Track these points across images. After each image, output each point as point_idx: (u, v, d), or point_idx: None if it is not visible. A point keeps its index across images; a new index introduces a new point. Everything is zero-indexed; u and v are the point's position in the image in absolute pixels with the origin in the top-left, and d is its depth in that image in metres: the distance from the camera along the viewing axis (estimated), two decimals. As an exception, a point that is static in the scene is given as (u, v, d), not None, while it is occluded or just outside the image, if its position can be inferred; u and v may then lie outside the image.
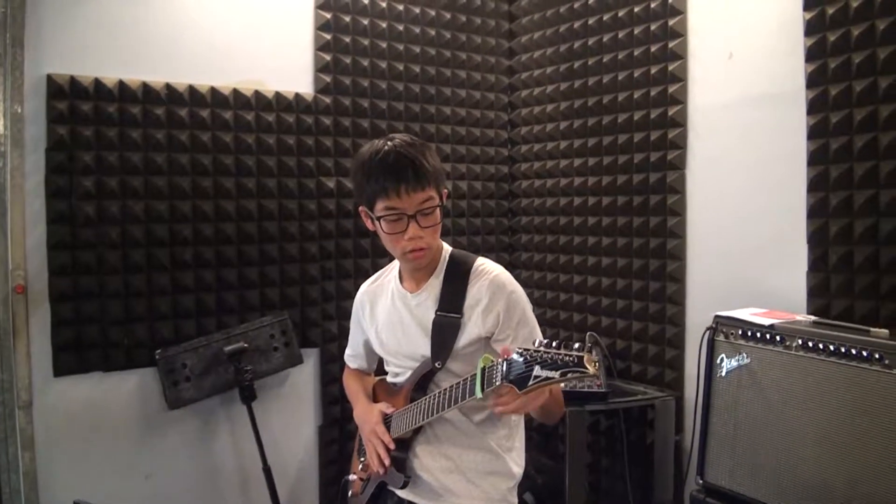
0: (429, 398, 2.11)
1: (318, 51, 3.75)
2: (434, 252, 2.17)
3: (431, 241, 2.11)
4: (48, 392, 3.16)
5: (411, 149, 2.05)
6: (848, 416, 2.37)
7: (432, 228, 2.09)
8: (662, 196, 3.54)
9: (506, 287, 2.14)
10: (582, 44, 3.93)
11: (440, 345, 2.15)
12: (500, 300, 2.12)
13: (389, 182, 2.03)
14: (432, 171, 2.06)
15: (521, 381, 1.76)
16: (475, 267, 2.19)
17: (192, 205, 3.44)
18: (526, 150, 4.33)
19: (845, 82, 2.80)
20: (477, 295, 2.13)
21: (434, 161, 2.09)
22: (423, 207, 2.05)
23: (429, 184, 2.05)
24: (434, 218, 2.08)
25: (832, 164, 2.85)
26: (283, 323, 3.61)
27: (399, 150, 2.04)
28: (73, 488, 3.08)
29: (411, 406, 2.18)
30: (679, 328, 3.50)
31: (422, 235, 2.07)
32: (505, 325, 2.12)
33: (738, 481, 2.70)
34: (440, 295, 2.18)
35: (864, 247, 2.77)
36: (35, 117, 3.09)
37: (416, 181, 2.02)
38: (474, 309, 2.13)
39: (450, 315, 2.14)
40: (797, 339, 2.53)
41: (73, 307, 3.19)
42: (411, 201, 2.03)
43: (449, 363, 2.15)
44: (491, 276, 2.15)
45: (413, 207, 2.04)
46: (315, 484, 3.87)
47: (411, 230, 2.06)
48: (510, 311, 2.12)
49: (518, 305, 2.15)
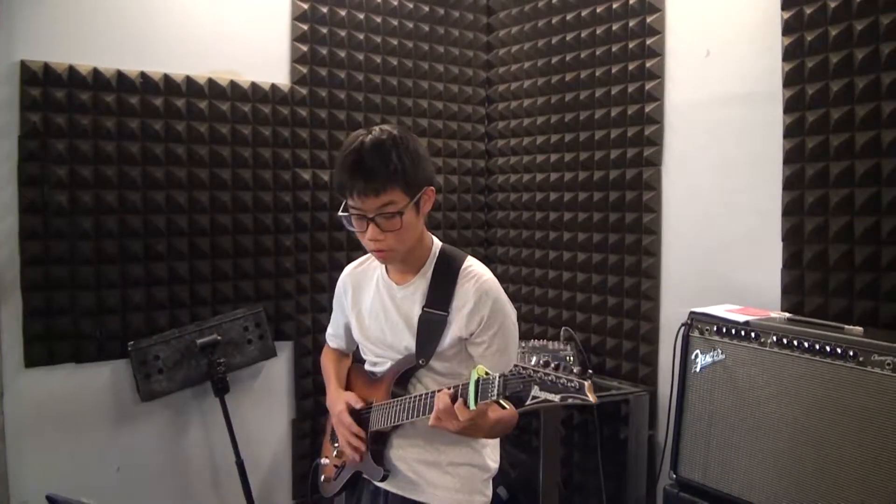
0: (413, 399, 2.09)
1: (295, 41, 3.72)
2: (403, 253, 2.11)
3: (395, 244, 2.04)
4: (19, 383, 3.12)
5: (376, 149, 1.98)
6: (821, 413, 2.40)
7: (395, 233, 2.01)
8: (638, 192, 3.56)
9: (492, 293, 2.12)
10: (559, 40, 3.93)
11: (425, 342, 2.14)
12: (486, 306, 2.10)
13: (347, 182, 1.99)
14: (395, 175, 1.97)
15: (518, 400, 1.76)
16: (464, 267, 2.17)
17: (166, 195, 3.40)
18: (503, 144, 4.33)
19: (822, 82, 2.83)
20: (464, 297, 2.11)
21: (405, 162, 1.99)
22: (383, 212, 1.98)
23: (387, 188, 1.96)
24: (395, 223, 2.00)
25: (808, 163, 2.88)
26: (258, 315, 3.58)
27: (363, 152, 1.98)
28: (43, 480, 3.05)
29: (393, 402, 2.16)
30: (653, 324, 3.52)
31: (381, 238, 2.02)
32: (484, 330, 2.11)
33: (712, 476, 2.72)
34: (428, 291, 2.16)
35: (838, 245, 2.80)
36: (7, 104, 3.05)
37: (369, 187, 1.96)
38: (460, 310, 2.11)
39: (437, 312, 2.13)
40: (772, 336, 2.55)
41: (44, 298, 3.15)
42: (367, 205, 1.98)
43: (432, 361, 2.15)
44: (481, 280, 2.13)
45: (371, 211, 1.99)
46: (288, 477, 3.85)
47: (370, 232, 2.01)
48: (492, 318, 2.11)
49: (500, 314, 2.13)
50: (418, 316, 2.15)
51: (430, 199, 2.11)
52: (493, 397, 1.81)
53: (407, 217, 2.01)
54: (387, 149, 1.99)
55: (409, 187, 2.01)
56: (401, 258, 2.15)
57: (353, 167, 1.98)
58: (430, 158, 2.14)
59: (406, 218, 2.01)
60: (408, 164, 2.00)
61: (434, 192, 2.12)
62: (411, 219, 2.04)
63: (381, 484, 2.26)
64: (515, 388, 1.77)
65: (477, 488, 2.23)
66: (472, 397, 1.85)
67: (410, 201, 2.02)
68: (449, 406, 1.89)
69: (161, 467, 3.48)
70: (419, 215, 2.08)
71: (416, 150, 2.06)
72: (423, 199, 2.07)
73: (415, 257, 2.19)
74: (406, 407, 2.11)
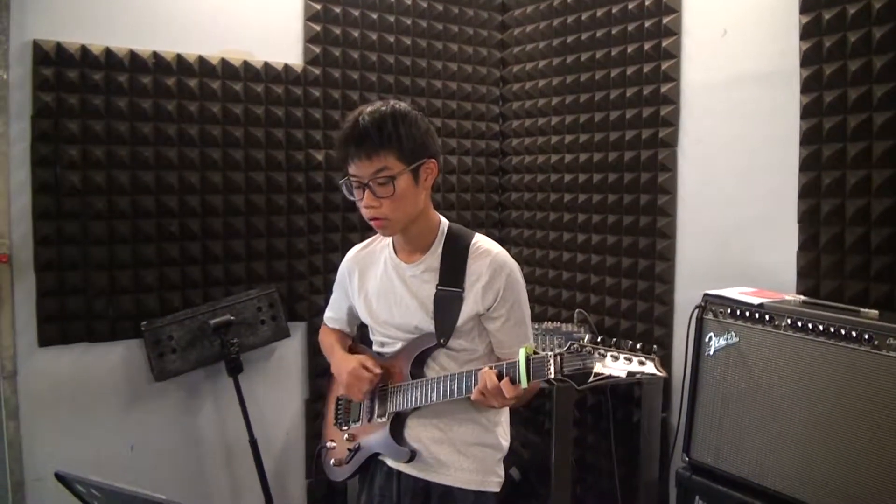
0: (441, 380, 2.11)
1: (308, 21, 3.69)
2: (401, 224, 2.12)
3: (391, 211, 2.06)
4: (33, 362, 3.14)
5: (374, 116, 2.03)
6: (836, 397, 2.37)
7: (389, 199, 2.04)
8: (653, 173, 3.52)
9: (507, 267, 2.14)
10: (575, 19, 3.89)
11: (443, 321, 2.14)
12: (500, 279, 2.12)
13: (344, 148, 2.06)
14: (388, 141, 2.01)
15: (579, 377, 1.80)
16: (474, 243, 2.18)
17: (179, 176, 3.39)
18: (517, 125, 4.30)
19: (840, 61, 2.78)
20: (477, 271, 2.13)
21: (401, 131, 2.03)
22: (377, 177, 2.02)
23: (379, 153, 2.01)
24: (388, 189, 2.03)
25: (825, 144, 2.83)
26: (271, 296, 3.59)
27: (361, 118, 2.03)
28: (56, 458, 3.06)
29: (416, 383, 2.17)
30: (668, 306, 3.50)
31: (376, 205, 2.05)
32: (501, 304, 2.13)
33: (725, 460, 2.71)
34: (440, 269, 2.16)
35: (855, 227, 2.76)
36: (20, 84, 3.04)
37: (361, 150, 2.01)
38: (475, 285, 2.12)
39: (451, 290, 2.14)
40: (786, 319, 2.52)
41: (58, 277, 3.15)
42: (361, 170, 2.03)
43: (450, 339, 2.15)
44: (493, 255, 2.15)
45: (366, 176, 2.03)
46: (301, 457, 3.87)
47: (365, 198, 2.06)
48: (508, 290, 2.13)
49: (516, 287, 2.16)
50: (433, 295, 2.16)
51: (431, 173, 2.12)
52: (551, 376, 1.83)
53: (401, 184, 2.04)
54: (383, 116, 2.04)
55: (404, 155, 2.04)
56: (402, 230, 2.16)
57: (349, 134, 2.04)
58: (433, 134, 2.17)
59: (400, 184, 2.03)
60: (403, 132, 2.03)
61: (436, 165, 2.13)
62: (407, 187, 2.05)
63: (392, 464, 2.27)
64: (575, 367, 1.80)
65: (491, 469, 2.24)
66: (523, 376, 1.88)
67: (406, 168, 2.04)
68: (496, 385, 1.92)
69: (174, 446, 3.50)
70: (418, 186, 2.09)
71: (416, 122, 2.09)
72: (422, 170, 2.09)
73: (422, 235, 2.20)
74: (435, 388, 2.12)
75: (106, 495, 1.53)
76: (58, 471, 1.57)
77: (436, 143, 2.17)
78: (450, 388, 2.08)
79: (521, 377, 1.88)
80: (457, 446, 2.20)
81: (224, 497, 3.66)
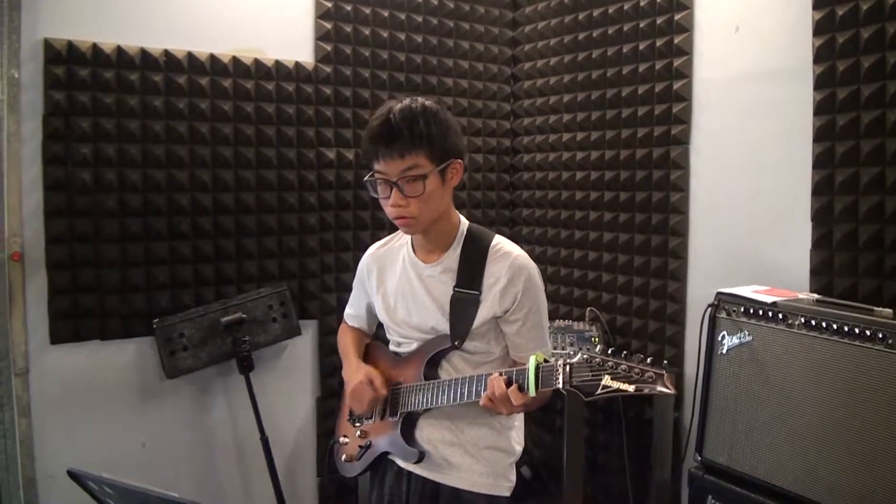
0: (452, 383, 2.10)
1: (319, 19, 3.69)
2: (426, 223, 2.11)
3: (418, 211, 2.04)
4: (45, 360, 3.15)
5: (404, 114, 2.01)
6: (849, 396, 2.35)
7: (417, 199, 2.02)
8: (666, 171, 3.51)
9: (525, 270, 2.13)
10: (586, 15, 3.87)
11: (459, 323, 2.13)
12: (520, 282, 2.11)
13: (372, 145, 2.03)
14: (419, 139, 1.99)
15: (586, 388, 1.78)
16: (494, 244, 2.17)
17: (190, 174, 3.40)
18: (528, 122, 4.28)
19: (853, 57, 2.76)
20: (496, 273, 2.12)
21: (433, 129, 2.01)
22: (406, 175, 2.00)
23: (411, 151, 1.99)
24: (418, 188, 2.01)
25: (838, 141, 2.81)
26: (282, 294, 3.59)
27: (391, 115, 2.01)
28: (68, 456, 3.08)
29: (429, 384, 2.16)
30: (680, 305, 3.48)
31: (403, 204, 2.03)
32: (519, 307, 2.11)
33: (737, 459, 2.69)
34: (458, 270, 2.15)
35: (869, 225, 2.74)
36: (32, 82, 3.05)
37: (393, 148, 1.99)
38: (493, 288, 2.11)
39: (469, 292, 2.12)
40: (800, 318, 2.51)
41: (69, 275, 3.16)
42: (390, 168, 2.01)
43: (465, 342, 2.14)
44: (512, 257, 2.13)
45: (394, 174, 2.01)
46: (312, 455, 3.87)
47: (392, 197, 2.03)
48: (526, 294, 2.12)
49: (534, 291, 2.14)
50: (450, 297, 2.14)
51: (457, 173, 2.11)
52: (558, 386, 1.82)
53: (430, 184, 2.02)
54: (414, 114, 2.01)
55: (434, 154, 2.02)
56: (424, 230, 2.14)
57: (379, 131, 2.01)
58: (460, 133, 2.15)
59: (429, 184, 2.02)
60: (434, 131, 2.02)
61: (462, 166, 2.11)
62: (435, 186, 2.04)
63: (403, 465, 2.26)
64: (583, 378, 1.78)
65: (502, 473, 2.22)
66: (531, 384, 1.86)
67: (435, 168, 2.03)
68: (504, 392, 1.91)
69: (186, 444, 3.51)
70: (445, 186, 2.08)
71: (446, 121, 2.07)
72: (449, 170, 2.08)
73: (442, 234, 2.19)
74: (446, 391, 2.11)
75: (118, 492, 1.53)
76: (70, 468, 1.58)
77: (462, 142, 2.16)
78: (460, 392, 2.07)
79: (529, 385, 1.86)
80: (468, 449, 2.19)
81: (235, 494, 3.66)
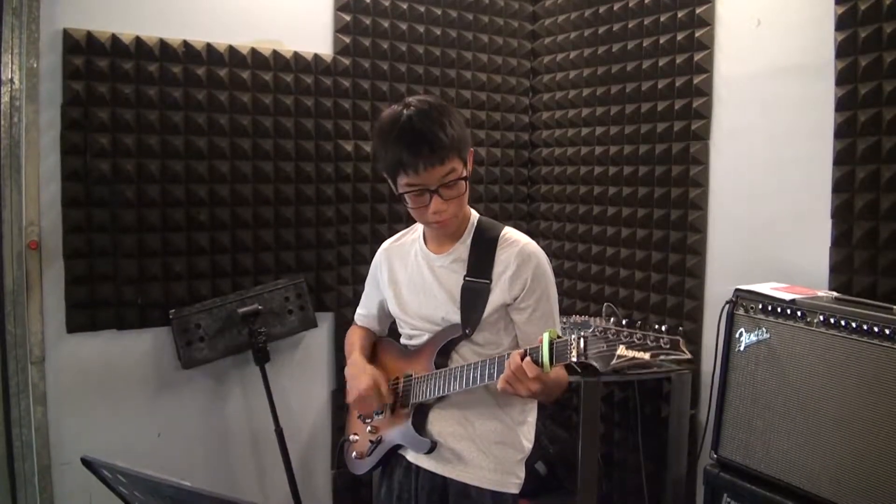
0: (464, 368, 2.08)
1: (338, 11, 3.69)
2: (460, 218, 2.14)
3: (457, 210, 2.08)
4: (61, 348, 3.17)
5: (427, 119, 1.98)
6: (867, 395, 2.32)
7: (457, 199, 2.05)
8: (685, 167, 3.48)
9: (534, 257, 2.13)
10: (607, 9, 3.84)
11: (470, 311, 2.13)
12: (528, 269, 2.10)
13: (406, 157, 1.97)
14: (453, 141, 1.98)
15: (602, 360, 1.75)
16: (503, 234, 2.17)
17: (209, 165, 3.41)
18: (547, 117, 4.26)
19: (876, 53, 2.72)
20: (505, 261, 2.12)
21: (455, 127, 2.01)
22: (446, 180, 2.00)
23: (449, 155, 1.98)
24: (458, 189, 2.03)
25: (859, 137, 2.78)
26: (299, 286, 3.59)
27: (415, 123, 1.97)
28: (83, 444, 3.11)
29: (439, 373, 2.15)
30: (698, 301, 3.45)
31: (445, 208, 2.03)
32: (528, 294, 2.11)
33: (753, 457, 2.67)
34: (468, 260, 2.16)
35: (889, 223, 2.71)
36: (51, 72, 3.06)
37: (435, 156, 1.96)
38: (502, 276, 2.11)
39: (479, 281, 2.13)
40: (819, 315, 2.48)
41: (86, 265, 3.18)
42: (432, 176, 1.98)
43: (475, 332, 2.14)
44: (521, 245, 2.14)
45: (435, 182, 1.99)
46: (327, 447, 3.88)
47: (434, 205, 2.02)
48: (536, 281, 2.11)
49: (543, 278, 2.13)
50: (461, 286, 2.14)
51: (471, 162, 2.13)
52: (573, 358, 1.79)
53: (463, 182, 2.05)
54: (438, 117, 2.00)
55: (462, 152, 2.05)
56: (455, 225, 2.16)
57: (412, 140, 1.97)
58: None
59: (463, 183, 2.05)
60: (457, 129, 2.02)
61: (473, 153, 2.15)
62: (465, 183, 2.07)
63: (413, 458, 2.26)
64: (598, 349, 1.75)
65: (511, 469, 2.21)
66: (545, 359, 1.83)
67: (463, 164, 2.05)
68: (519, 365, 1.87)
69: (201, 434, 3.52)
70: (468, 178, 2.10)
71: (455, 114, 2.08)
72: (469, 161, 2.11)
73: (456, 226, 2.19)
74: (457, 377, 2.09)
75: (132, 481, 1.53)
76: (84, 456, 1.57)
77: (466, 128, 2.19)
78: (472, 376, 2.05)
79: (543, 359, 1.84)
80: (477, 444, 2.18)
81: (249, 485, 3.67)
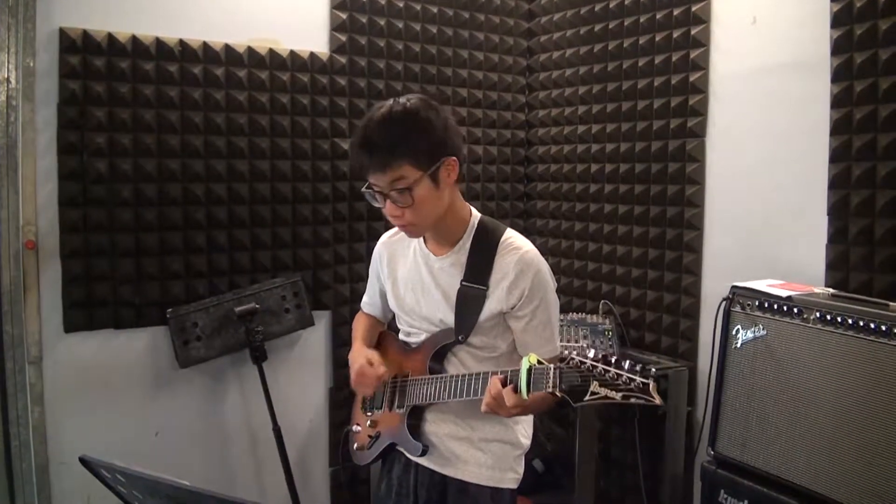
0: (457, 379, 2.08)
1: (334, 9, 3.69)
2: (427, 226, 2.11)
3: (414, 218, 2.03)
4: (58, 348, 3.16)
5: (382, 125, 1.96)
6: (864, 391, 2.33)
7: (410, 208, 1.99)
8: (681, 164, 3.48)
9: (534, 265, 2.10)
10: (603, 7, 3.85)
11: (464, 317, 2.12)
12: (527, 279, 2.08)
13: (355, 160, 2.02)
14: (402, 148, 1.94)
15: (575, 394, 1.75)
16: (504, 239, 2.14)
17: (205, 164, 3.40)
18: (544, 114, 4.27)
19: (871, 50, 2.72)
20: (504, 269, 2.09)
21: (415, 135, 1.96)
22: (394, 187, 1.96)
23: (393, 164, 1.93)
24: (407, 198, 1.97)
25: (855, 134, 2.79)
26: (296, 285, 3.59)
27: (369, 127, 1.97)
28: (81, 443, 3.07)
29: (433, 379, 2.15)
30: (694, 298, 3.46)
31: (398, 214, 2.02)
32: (526, 303, 2.09)
33: (750, 454, 2.67)
34: (466, 264, 2.14)
35: (885, 220, 2.72)
36: (47, 71, 3.06)
37: (376, 163, 1.95)
38: (500, 283, 2.09)
39: (475, 287, 2.11)
40: (815, 312, 2.48)
41: (83, 264, 3.18)
42: (379, 180, 1.98)
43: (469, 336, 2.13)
44: (521, 252, 2.10)
45: (384, 186, 1.98)
46: (324, 445, 3.88)
47: (387, 207, 2.03)
48: (534, 290, 2.09)
49: (542, 287, 2.11)
50: (457, 290, 2.13)
51: (453, 170, 2.05)
52: (548, 389, 1.78)
53: (420, 191, 1.98)
54: (392, 123, 1.96)
55: (419, 160, 1.96)
56: (429, 230, 2.13)
57: (360, 144, 1.98)
58: (452, 127, 2.07)
59: (419, 192, 1.98)
60: (415, 138, 1.96)
61: (457, 162, 2.05)
62: (426, 192, 1.99)
63: (410, 457, 2.26)
64: (572, 382, 1.75)
65: (509, 465, 2.22)
66: (523, 386, 1.83)
67: (423, 174, 1.97)
68: (499, 391, 1.88)
69: (199, 433, 3.52)
70: (439, 187, 2.02)
71: (429, 120, 1.99)
72: (442, 170, 2.01)
73: (450, 229, 2.16)
74: (448, 387, 2.10)
75: (130, 480, 1.53)
76: (82, 455, 1.57)
77: (456, 136, 2.08)
78: (462, 389, 2.06)
79: (521, 387, 1.84)
80: (474, 442, 2.19)
81: (247, 484, 3.67)
